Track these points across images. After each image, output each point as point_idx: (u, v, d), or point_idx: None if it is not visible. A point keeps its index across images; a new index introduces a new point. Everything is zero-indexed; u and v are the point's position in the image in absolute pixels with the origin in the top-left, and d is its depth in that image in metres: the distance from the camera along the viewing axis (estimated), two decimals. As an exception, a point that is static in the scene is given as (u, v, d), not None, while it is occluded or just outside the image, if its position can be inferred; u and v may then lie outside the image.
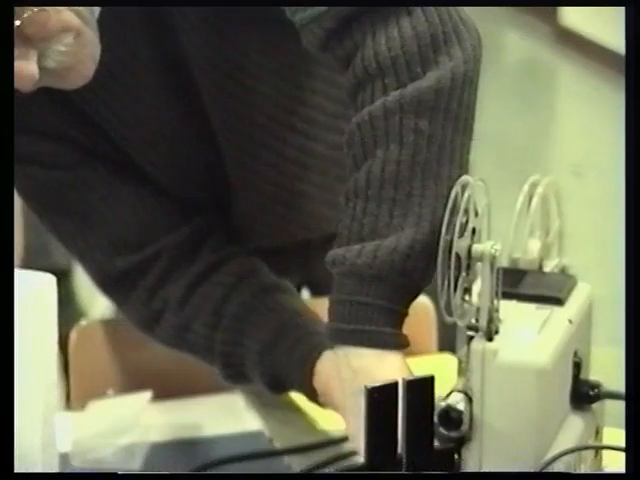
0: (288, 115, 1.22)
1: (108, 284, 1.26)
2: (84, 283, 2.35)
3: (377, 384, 0.86)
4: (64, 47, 1.01)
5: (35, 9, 0.96)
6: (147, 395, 1.22)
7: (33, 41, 0.99)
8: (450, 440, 0.89)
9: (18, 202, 1.26)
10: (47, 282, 0.98)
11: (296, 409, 1.23)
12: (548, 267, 1.02)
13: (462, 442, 0.89)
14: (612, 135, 4.05)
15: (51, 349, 1.00)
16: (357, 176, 1.01)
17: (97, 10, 1.06)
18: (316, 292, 1.34)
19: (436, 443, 0.89)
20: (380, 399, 0.85)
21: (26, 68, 0.98)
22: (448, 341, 1.13)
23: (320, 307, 1.11)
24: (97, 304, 2.27)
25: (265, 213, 1.27)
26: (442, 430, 0.89)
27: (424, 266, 0.96)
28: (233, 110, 1.19)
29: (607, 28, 4.54)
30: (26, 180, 1.22)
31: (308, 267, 1.23)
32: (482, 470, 0.89)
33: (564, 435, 0.93)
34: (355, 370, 0.99)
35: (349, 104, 1.05)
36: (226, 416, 1.25)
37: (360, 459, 0.90)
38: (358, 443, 0.92)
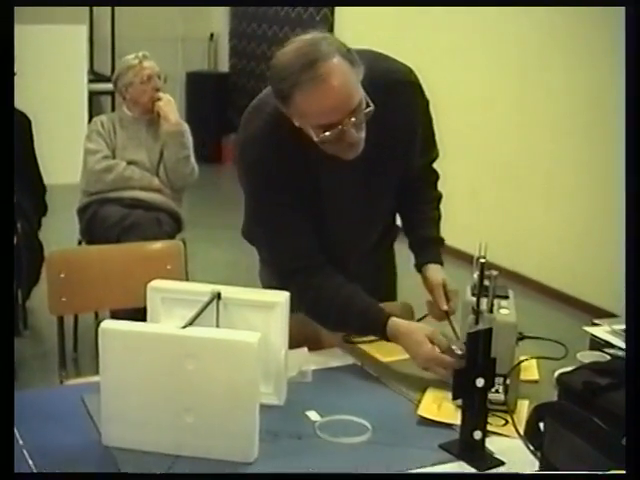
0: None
1: (280, 272, 2.15)
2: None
3: (474, 330, 1.83)
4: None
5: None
6: (305, 349, 2.11)
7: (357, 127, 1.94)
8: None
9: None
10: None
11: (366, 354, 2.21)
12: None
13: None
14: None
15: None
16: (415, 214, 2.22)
17: None
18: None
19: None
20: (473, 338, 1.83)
21: (360, 137, 1.99)
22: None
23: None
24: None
25: (351, 239, 2.25)
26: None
27: None
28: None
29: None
30: (269, 213, 2.10)
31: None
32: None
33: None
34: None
35: None
36: (336, 358, 2.20)
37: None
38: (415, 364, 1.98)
